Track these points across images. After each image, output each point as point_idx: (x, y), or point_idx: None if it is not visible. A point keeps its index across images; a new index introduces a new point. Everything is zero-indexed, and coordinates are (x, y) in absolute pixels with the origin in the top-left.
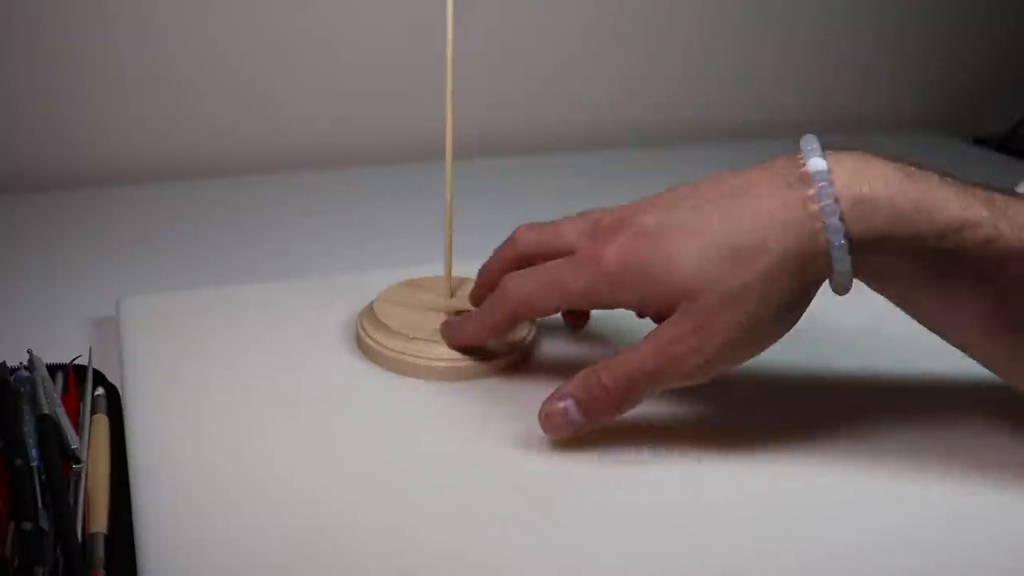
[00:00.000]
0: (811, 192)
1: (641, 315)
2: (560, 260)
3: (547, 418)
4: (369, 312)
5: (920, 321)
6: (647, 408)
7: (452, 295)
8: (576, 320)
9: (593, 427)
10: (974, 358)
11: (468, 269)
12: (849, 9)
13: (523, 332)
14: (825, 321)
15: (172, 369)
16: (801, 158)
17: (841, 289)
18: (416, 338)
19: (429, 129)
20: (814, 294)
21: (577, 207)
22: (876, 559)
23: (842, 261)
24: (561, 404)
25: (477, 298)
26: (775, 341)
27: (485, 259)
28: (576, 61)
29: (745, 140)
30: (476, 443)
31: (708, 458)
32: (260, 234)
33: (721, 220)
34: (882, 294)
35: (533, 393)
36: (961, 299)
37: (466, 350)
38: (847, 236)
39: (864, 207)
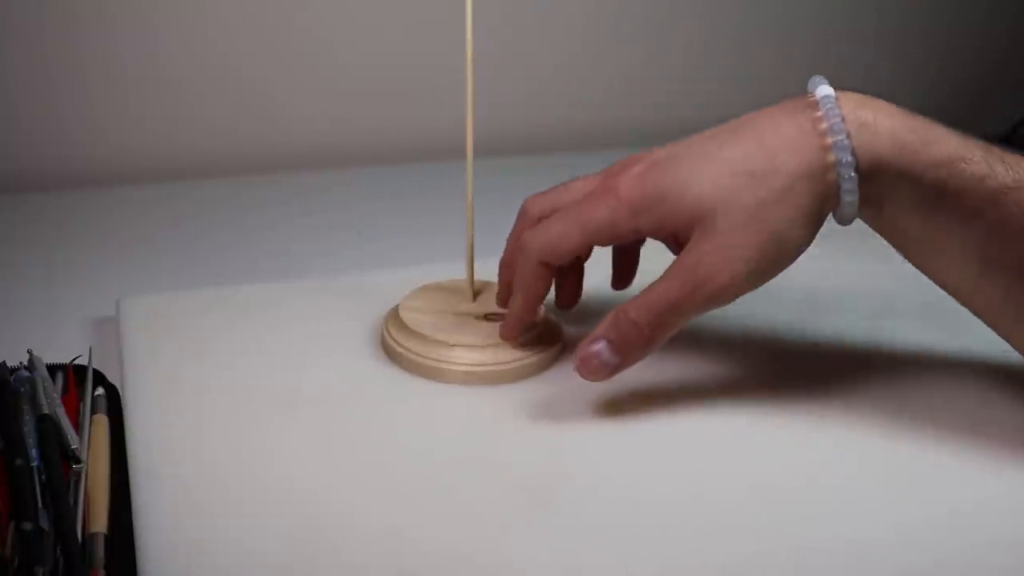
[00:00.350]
0: (819, 114)
1: (664, 242)
2: (576, 200)
3: (582, 362)
4: (395, 316)
5: (911, 258)
6: (648, 409)
7: (474, 299)
8: (567, 297)
9: (630, 366)
10: (961, 302)
11: (481, 268)
12: (849, 9)
13: (545, 341)
14: (827, 314)
15: (172, 369)
16: (809, 93)
17: (847, 216)
18: (450, 344)
19: (429, 129)
20: (826, 216)
21: None
22: (876, 556)
23: (849, 180)
24: (594, 347)
25: (504, 298)
26: (792, 260)
27: (485, 259)
28: (576, 61)
29: None
30: (476, 443)
31: (708, 457)
32: (260, 234)
33: (735, 145)
34: (877, 228)
35: (536, 392)
36: (953, 233)
37: (515, 338)
38: (853, 154)
39: (868, 131)
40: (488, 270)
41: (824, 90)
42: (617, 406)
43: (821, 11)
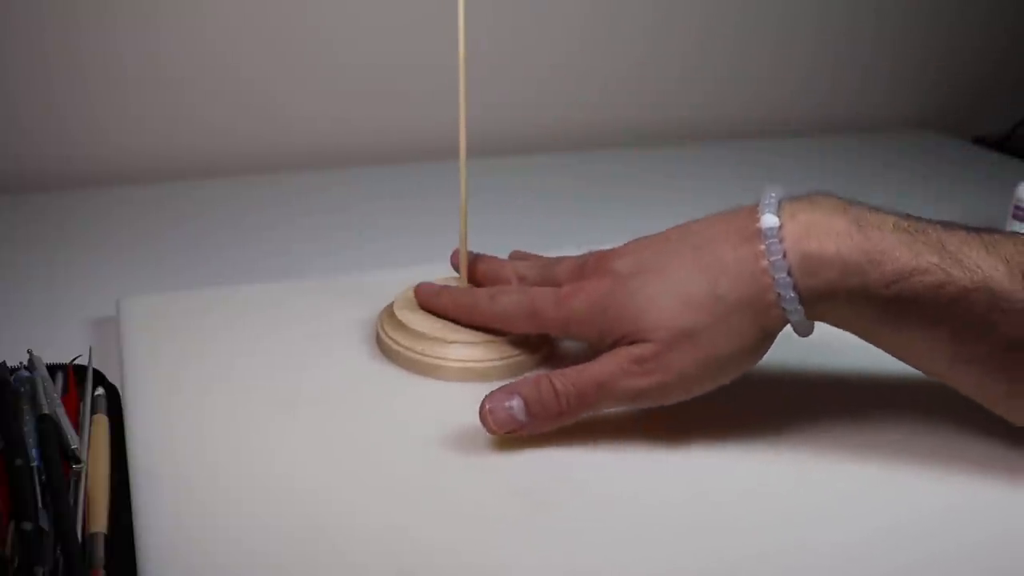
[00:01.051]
0: (761, 248)
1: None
2: (545, 290)
3: (491, 412)
4: (389, 313)
5: (883, 349)
6: (647, 408)
7: None
8: None
9: (532, 432)
10: (948, 384)
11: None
12: (848, 9)
13: (540, 335)
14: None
15: (172, 369)
16: (758, 213)
17: (803, 333)
18: (447, 341)
19: (429, 129)
20: (774, 338)
21: (576, 207)
22: (874, 556)
23: (795, 312)
24: (508, 402)
25: (464, 274)
26: (735, 376)
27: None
28: (575, 61)
29: (745, 140)
30: (477, 444)
31: (708, 458)
32: (260, 234)
33: (680, 268)
34: (846, 331)
35: None
36: (917, 340)
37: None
38: (796, 289)
39: (813, 262)
40: None
41: (768, 220)
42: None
43: (820, 11)
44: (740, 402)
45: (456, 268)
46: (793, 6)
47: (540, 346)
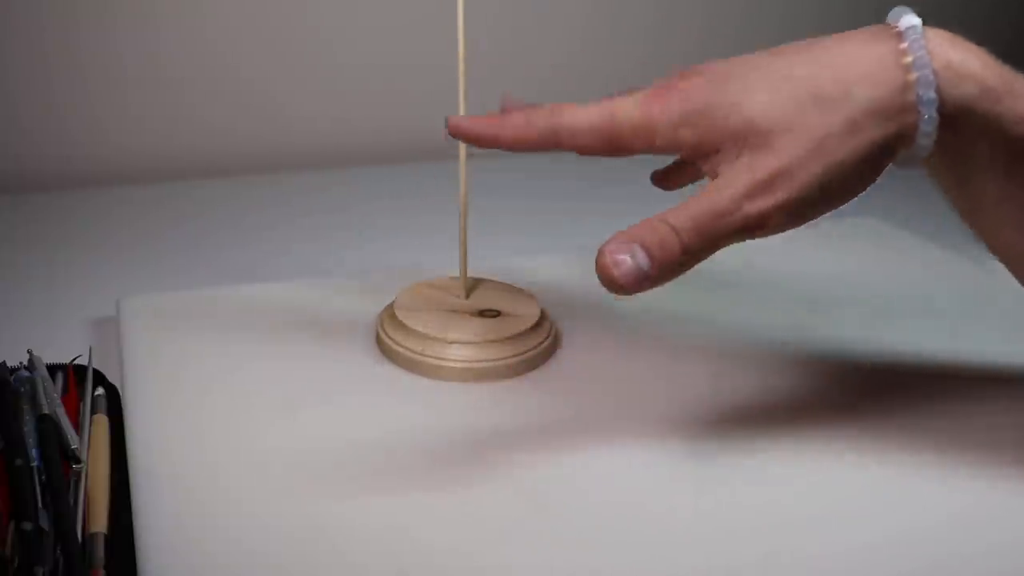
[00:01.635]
0: (903, 46)
1: (693, 165)
2: (623, 97)
3: (613, 265)
4: (389, 313)
5: (979, 223)
6: (649, 409)
7: (467, 295)
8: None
9: (656, 285)
10: (1009, 264)
11: (469, 268)
12: (849, 9)
13: (540, 336)
14: (826, 316)
15: (172, 369)
16: (891, 23)
17: (923, 151)
18: (447, 341)
19: (429, 129)
20: (896, 154)
21: (576, 206)
22: (875, 562)
23: (930, 121)
24: (627, 253)
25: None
26: (853, 197)
27: (485, 258)
28: (575, 61)
29: None
30: (477, 444)
31: (711, 461)
32: (260, 234)
33: (803, 65)
34: (948, 184)
35: (537, 392)
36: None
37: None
38: (937, 92)
39: (954, 72)
40: (483, 269)
41: (909, 20)
42: (617, 405)
43: (821, 11)
44: (742, 402)
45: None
46: (793, 6)
47: (541, 343)
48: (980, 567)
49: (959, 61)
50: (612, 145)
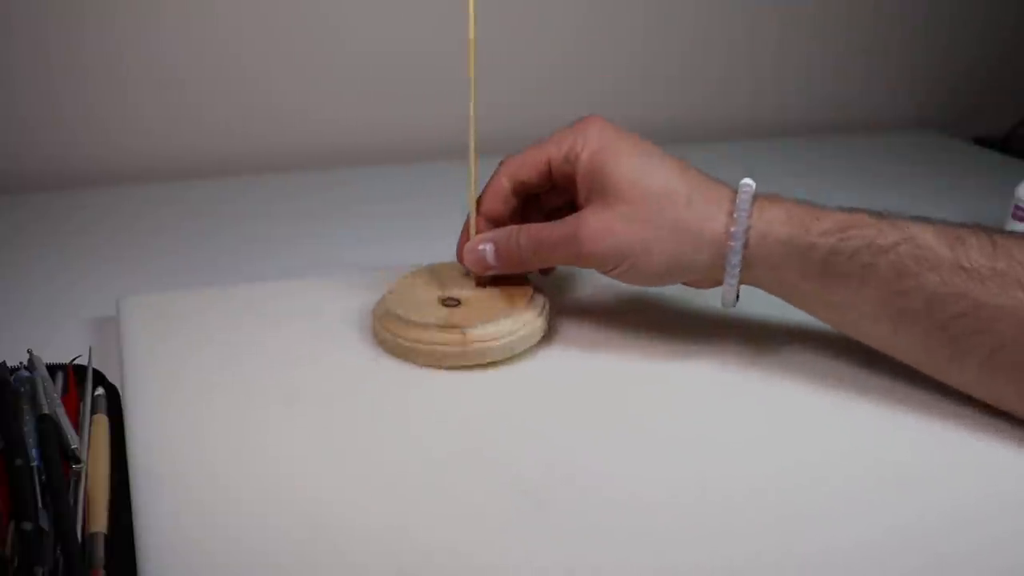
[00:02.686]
0: (732, 217)
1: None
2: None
3: (468, 252)
4: (382, 299)
5: (834, 325)
6: (648, 408)
7: (476, 284)
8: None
9: (500, 273)
10: (891, 355)
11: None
12: (849, 9)
13: (535, 324)
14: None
15: (172, 369)
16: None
17: (727, 298)
18: (423, 324)
19: (429, 129)
20: (700, 274)
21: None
22: (876, 557)
23: (732, 267)
24: (482, 246)
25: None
26: (656, 282)
27: None
28: (575, 61)
29: (744, 140)
30: (478, 442)
31: (711, 458)
32: (260, 234)
33: (683, 171)
34: (793, 302)
35: (537, 390)
36: (855, 295)
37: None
38: (744, 249)
39: (761, 234)
40: None
41: (743, 194)
42: (618, 400)
43: (820, 11)
44: (744, 402)
45: (461, 261)
46: (793, 6)
47: (537, 318)
48: (981, 565)
49: (767, 204)
50: (541, 169)
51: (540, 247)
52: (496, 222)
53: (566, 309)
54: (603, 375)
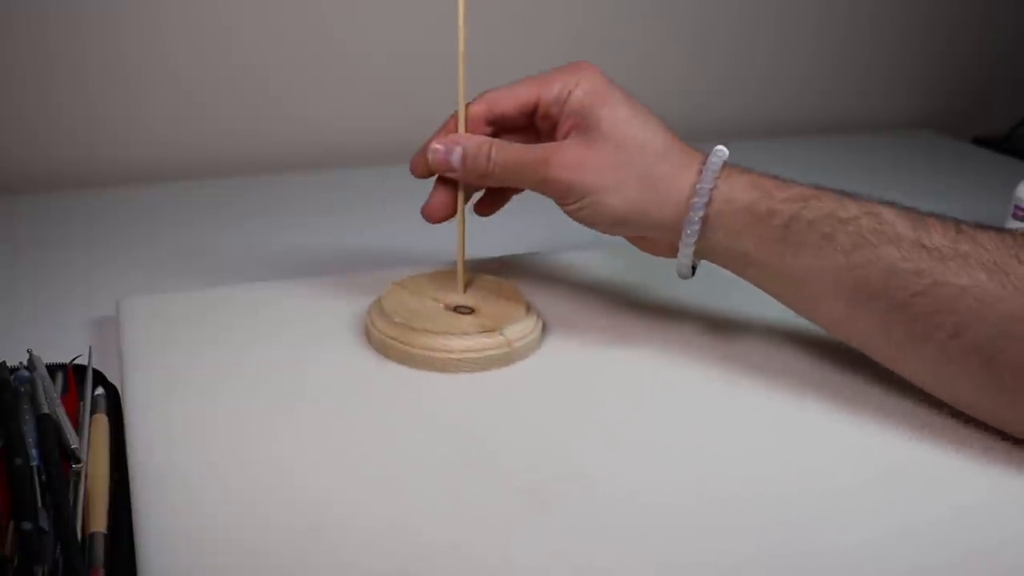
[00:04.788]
0: (699, 184)
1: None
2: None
3: (432, 152)
4: (377, 302)
5: (790, 303)
6: (649, 408)
7: (465, 289)
8: (484, 205)
9: (463, 180)
10: (846, 339)
11: (469, 265)
12: (849, 9)
13: (530, 326)
14: None
15: (172, 369)
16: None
17: (681, 266)
18: (419, 328)
19: (429, 130)
20: (656, 230)
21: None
22: (877, 557)
23: (691, 225)
24: (450, 147)
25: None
26: (615, 229)
27: (485, 256)
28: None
29: (744, 140)
30: (478, 442)
31: (714, 457)
32: (260, 234)
33: (654, 130)
34: (749, 277)
35: (537, 390)
36: (815, 266)
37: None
38: (705, 208)
39: (729, 180)
40: (479, 265)
41: (714, 162)
42: (619, 401)
43: (821, 11)
44: (744, 402)
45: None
46: (793, 6)
47: (529, 332)
48: (977, 568)
49: (737, 172)
50: (520, 100)
51: (508, 163)
52: None
53: (564, 310)
54: (603, 375)
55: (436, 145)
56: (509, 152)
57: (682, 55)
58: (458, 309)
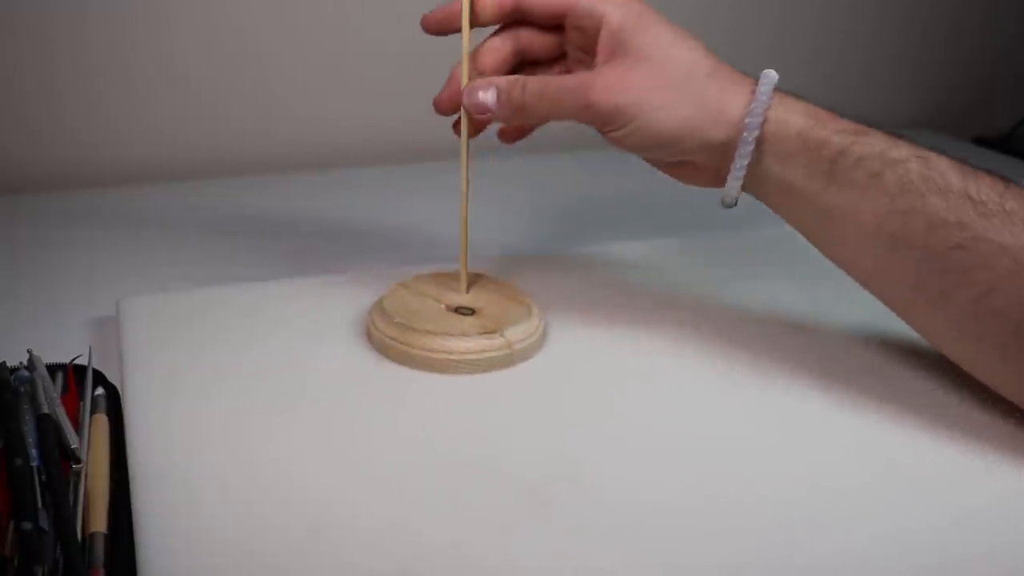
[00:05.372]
0: (751, 104)
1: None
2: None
3: (469, 91)
4: (379, 302)
5: (822, 242)
6: (650, 409)
7: (468, 290)
8: (508, 133)
9: (499, 118)
10: (871, 289)
11: (472, 266)
12: (849, 8)
13: (532, 327)
14: (827, 320)
15: (172, 369)
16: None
17: (729, 193)
18: (420, 329)
19: (430, 129)
20: (719, 168)
21: (577, 206)
22: (878, 558)
23: (745, 144)
24: (482, 92)
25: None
26: (672, 152)
27: (485, 256)
28: None
29: None
30: (478, 442)
31: (714, 458)
32: (260, 234)
33: (695, 50)
34: (789, 207)
35: (538, 390)
36: (858, 203)
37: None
38: (761, 128)
39: (784, 104)
40: (480, 266)
41: (766, 82)
42: (619, 402)
43: (820, 11)
44: (746, 402)
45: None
46: (792, 6)
47: (531, 333)
48: (983, 569)
49: (792, 98)
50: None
51: (546, 92)
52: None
53: (563, 309)
54: (603, 375)
55: (469, 89)
56: (546, 83)
57: None
58: (459, 310)
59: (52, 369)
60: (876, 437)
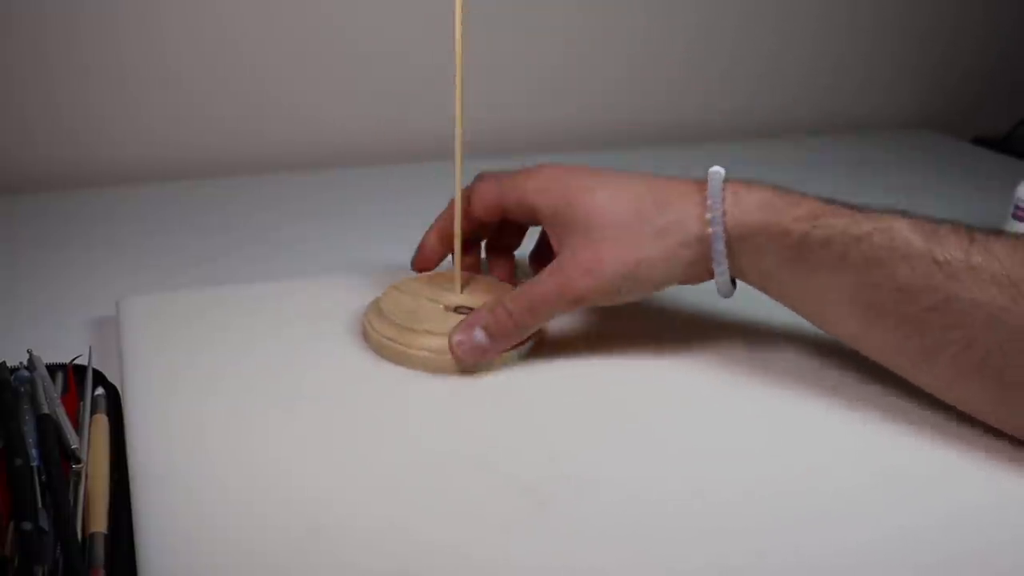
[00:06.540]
0: (707, 203)
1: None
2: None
3: (458, 345)
4: (375, 302)
5: (806, 317)
6: (648, 409)
7: (462, 290)
8: (500, 272)
9: (502, 350)
10: (864, 352)
11: (468, 266)
12: (849, 9)
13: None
14: None
15: (172, 369)
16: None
17: (721, 286)
18: (418, 330)
19: (429, 129)
20: (694, 276)
21: None
22: (876, 557)
23: (719, 253)
24: (470, 332)
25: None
26: (650, 290)
27: (483, 257)
28: (575, 61)
29: (745, 140)
30: (477, 443)
31: (713, 458)
32: (260, 234)
33: (637, 183)
34: (764, 290)
35: (537, 390)
36: (828, 284)
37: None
38: (726, 234)
39: (738, 220)
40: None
41: (715, 178)
42: (618, 402)
43: (820, 11)
44: (743, 403)
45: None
46: (793, 6)
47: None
48: (983, 566)
49: (744, 191)
50: (498, 204)
51: (534, 305)
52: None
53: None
54: (601, 375)
55: (457, 338)
56: (528, 295)
57: (681, 55)
58: (458, 309)
59: (52, 369)
60: (873, 438)
